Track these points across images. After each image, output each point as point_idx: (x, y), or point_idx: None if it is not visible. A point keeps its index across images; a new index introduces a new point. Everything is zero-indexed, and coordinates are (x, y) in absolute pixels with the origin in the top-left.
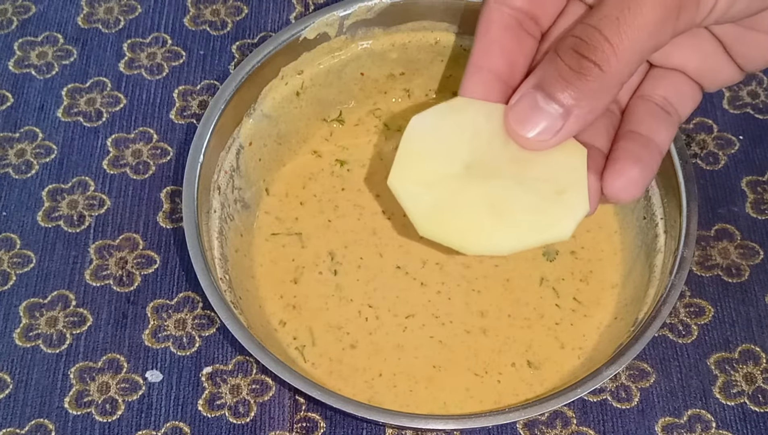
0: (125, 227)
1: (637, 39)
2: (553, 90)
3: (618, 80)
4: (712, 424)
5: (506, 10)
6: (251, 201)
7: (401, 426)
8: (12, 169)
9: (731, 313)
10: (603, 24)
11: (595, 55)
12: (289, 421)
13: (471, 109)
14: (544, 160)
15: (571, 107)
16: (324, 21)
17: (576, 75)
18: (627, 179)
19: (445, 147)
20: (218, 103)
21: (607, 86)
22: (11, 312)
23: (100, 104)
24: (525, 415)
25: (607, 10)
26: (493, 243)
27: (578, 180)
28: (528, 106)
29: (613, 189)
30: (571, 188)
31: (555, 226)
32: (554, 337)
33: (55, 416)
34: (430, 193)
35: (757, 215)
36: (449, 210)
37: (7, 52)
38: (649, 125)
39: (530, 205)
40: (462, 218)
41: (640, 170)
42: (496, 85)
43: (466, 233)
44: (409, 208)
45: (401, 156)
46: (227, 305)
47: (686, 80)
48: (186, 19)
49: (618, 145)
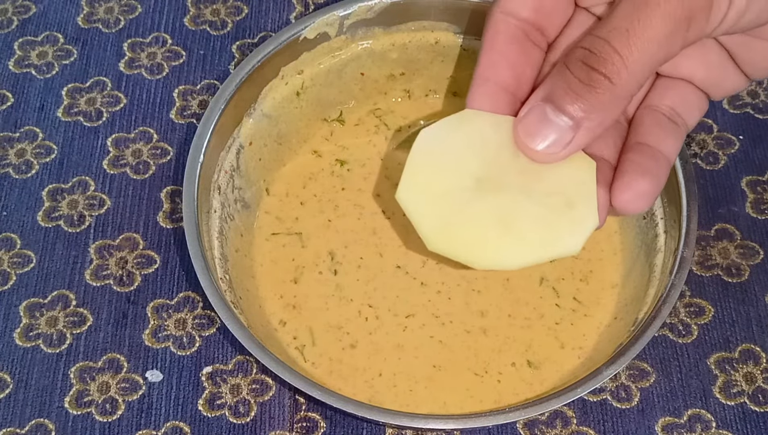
0: (125, 227)
1: (647, 51)
2: (563, 102)
3: (628, 92)
4: (712, 424)
5: (512, 21)
6: (251, 201)
7: (401, 426)
8: (12, 168)
9: (731, 313)
10: (612, 36)
11: (605, 67)
12: (289, 420)
13: (479, 122)
14: (553, 173)
15: (580, 120)
16: (324, 21)
17: (586, 87)
18: (635, 192)
19: (453, 160)
20: (218, 103)
21: (617, 98)
22: (11, 312)
23: (100, 104)
24: (525, 415)
25: (617, 21)
26: (502, 257)
27: (587, 194)
28: (537, 119)
29: (622, 202)
30: (581, 202)
31: (564, 241)
32: (554, 336)
33: (55, 416)
34: (438, 207)
35: (757, 215)
36: (458, 224)
37: (7, 51)
38: (656, 136)
39: (539, 218)
40: (470, 233)
41: (649, 183)
42: (504, 97)
43: (474, 248)
44: (417, 222)
45: (409, 169)
46: (227, 305)
47: (693, 90)
48: (186, 18)
49: (626, 156)
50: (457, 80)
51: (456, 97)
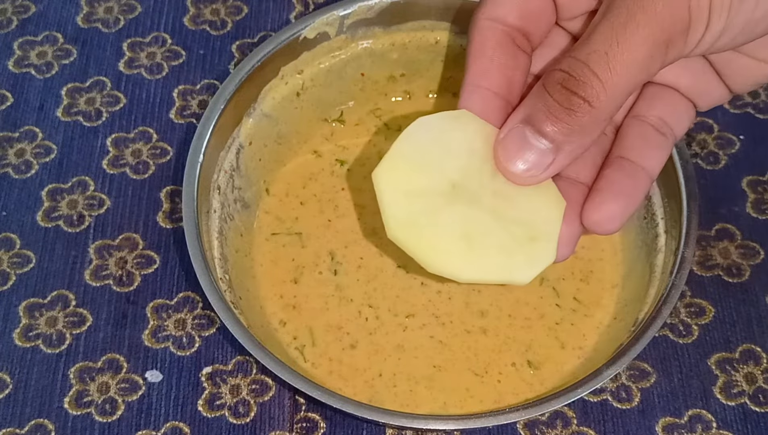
0: (125, 227)
1: (626, 74)
2: (542, 126)
3: (608, 115)
4: (713, 424)
5: (499, 27)
6: (251, 201)
7: (401, 426)
8: (12, 168)
9: (732, 313)
10: (592, 59)
11: (584, 91)
12: (289, 421)
13: (472, 128)
14: (524, 201)
15: (560, 143)
16: (324, 20)
17: (565, 111)
18: (605, 214)
19: (437, 159)
20: (218, 103)
21: (596, 122)
22: (11, 312)
23: (99, 104)
24: (525, 415)
25: (595, 45)
26: (454, 268)
27: (551, 232)
28: (517, 141)
29: (591, 222)
30: (543, 239)
31: (517, 271)
32: (554, 337)
33: (54, 416)
34: (409, 200)
35: (757, 215)
36: (423, 224)
37: (7, 51)
38: (639, 151)
39: (501, 245)
40: (432, 236)
41: (621, 205)
42: (496, 102)
43: (432, 251)
44: (385, 207)
45: (394, 153)
46: (227, 305)
47: (680, 98)
48: (186, 18)
49: (604, 172)
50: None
51: (456, 97)
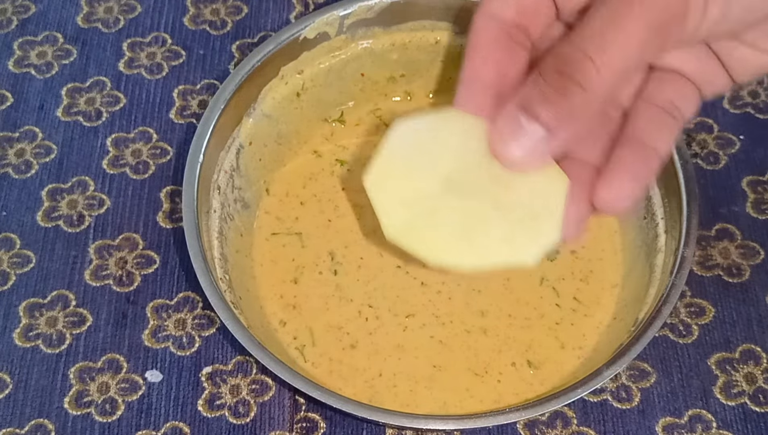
0: (125, 227)
1: (620, 57)
2: (536, 109)
3: (600, 98)
4: (713, 424)
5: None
6: (251, 201)
7: (401, 426)
8: (12, 168)
9: (732, 313)
10: (585, 42)
11: (576, 73)
12: (289, 421)
13: (461, 123)
14: (524, 184)
15: (554, 127)
16: (324, 20)
17: (558, 95)
18: (617, 193)
19: (428, 157)
20: (218, 103)
21: (589, 104)
22: (11, 312)
23: (99, 104)
24: (525, 415)
25: (590, 29)
26: (458, 257)
27: (554, 208)
28: (511, 126)
29: (602, 201)
30: (545, 215)
31: (521, 252)
32: (554, 336)
33: (54, 416)
34: (404, 201)
35: (757, 215)
36: (421, 222)
37: (7, 51)
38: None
39: (503, 229)
40: (431, 232)
41: (632, 184)
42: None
43: (431, 246)
44: (380, 210)
45: (383, 158)
46: (227, 305)
47: (687, 82)
48: (186, 18)
49: (615, 152)
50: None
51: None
